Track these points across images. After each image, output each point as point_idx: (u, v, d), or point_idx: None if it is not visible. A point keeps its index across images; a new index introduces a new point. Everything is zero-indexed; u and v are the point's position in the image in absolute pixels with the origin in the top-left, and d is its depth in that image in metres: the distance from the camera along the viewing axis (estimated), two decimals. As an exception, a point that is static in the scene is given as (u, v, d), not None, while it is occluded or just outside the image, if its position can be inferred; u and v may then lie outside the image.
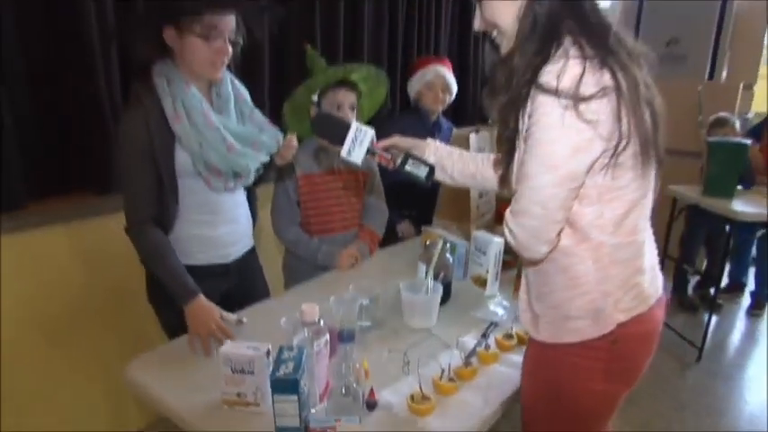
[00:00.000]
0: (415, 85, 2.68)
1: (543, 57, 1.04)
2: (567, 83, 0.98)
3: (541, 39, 1.05)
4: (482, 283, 1.82)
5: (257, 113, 1.63)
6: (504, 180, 1.17)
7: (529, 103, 1.03)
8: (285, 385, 0.99)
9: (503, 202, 2.36)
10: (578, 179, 1.03)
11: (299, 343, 1.13)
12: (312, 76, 1.94)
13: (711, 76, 4.35)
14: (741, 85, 4.12)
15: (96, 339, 2.15)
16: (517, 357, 1.41)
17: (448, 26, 3.95)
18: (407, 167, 1.32)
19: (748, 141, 3.07)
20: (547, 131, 1.00)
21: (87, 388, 2.16)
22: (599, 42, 1.01)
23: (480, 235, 1.84)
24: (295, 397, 1.00)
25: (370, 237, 2.13)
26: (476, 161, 1.42)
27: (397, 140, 1.40)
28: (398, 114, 2.46)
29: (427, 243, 1.74)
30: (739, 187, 3.19)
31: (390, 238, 2.39)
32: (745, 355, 3.28)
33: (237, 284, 1.72)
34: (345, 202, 2.08)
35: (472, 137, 2.12)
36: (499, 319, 1.61)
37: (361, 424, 1.09)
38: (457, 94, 2.78)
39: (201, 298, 1.50)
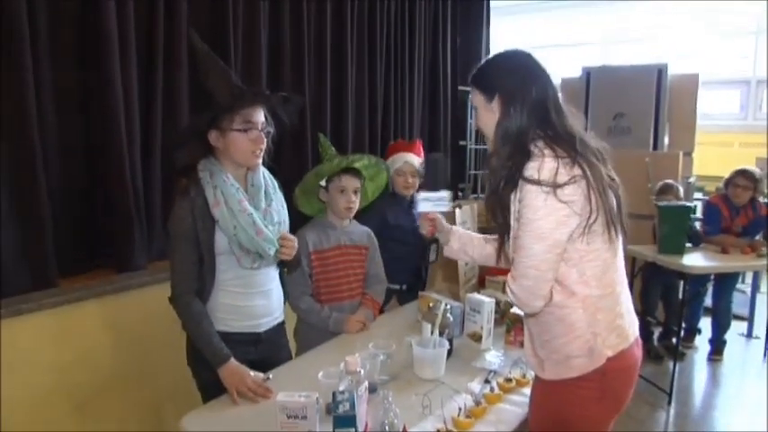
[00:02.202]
0: None
1: (516, 159, 1.38)
2: (545, 175, 1.32)
3: (512, 147, 1.40)
4: (477, 338, 2.09)
5: (276, 202, 1.89)
6: (500, 252, 1.49)
7: (518, 191, 1.36)
8: (345, 421, 1.24)
9: (483, 270, 2.67)
10: (561, 246, 1.35)
11: (345, 388, 1.36)
12: (322, 162, 2.25)
13: (655, 146, 4.85)
14: (681, 153, 4.63)
15: (121, 406, 2.32)
16: (517, 397, 1.70)
17: (419, 111, 4.37)
18: (432, 248, 1.64)
19: (692, 204, 3.51)
20: (534, 212, 1.33)
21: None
22: (568, 147, 1.36)
23: (473, 297, 2.13)
24: (353, 430, 1.24)
25: (373, 304, 2.38)
26: (491, 244, 1.70)
27: (439, 221, 1.75)
28: (376, 200, 2.72)
29: (430, 305, 2.02)
30: (689, 245, 3.61)
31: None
32: (710, 397, 3.59)
33: (265, 354, 1.92)
34: (351, 273, 2.34)
35: (457, 212, 2.44)
36: (497, 367, 1.87)
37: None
38: (429, 172, 3.02)
39: (233, 361, 1.72)
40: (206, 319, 1.76)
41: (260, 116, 1.76)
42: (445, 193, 1.67)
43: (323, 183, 2.28)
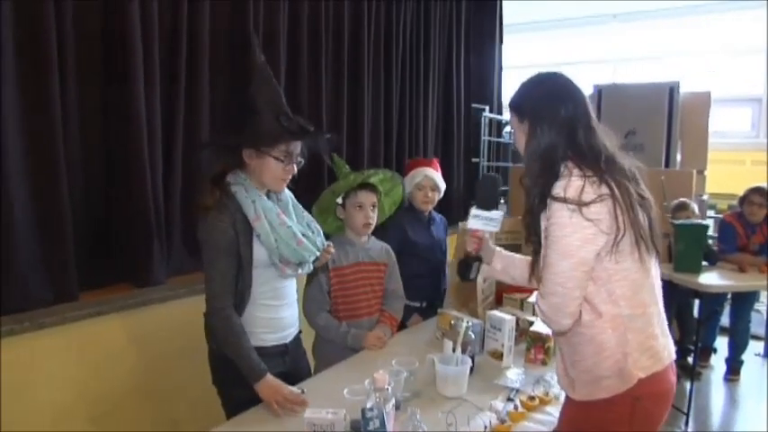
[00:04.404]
0: (407, 186, 2.83)
1: (546, 177, 1.41)
2: (571, 193, 1.34)
3: (540, 166, 1.43)
4: (498, 356, 2.08)
5: (307, 214, 1.95)
6: (532, 271, 1.49)
7: (547, 210, 1.38)
8: (376, 438, 1.24)
9: (501, 287, 2.67)
10: (588, 264, 1.35)
11: (373, 405, 1.36)
12: (337, 180, 2.27)
13: (667, 164, 4.84)
14: (695, 172, 4.62)
15: (139, 420, 2.32)
16: (541, 415, 1.69)
17: (433, 128, 4.40)
18: (474, 266, 1.71)
19: (708, 222, 3.51)
20: (560, 229, 1.35)
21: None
22: (594, 166, 1.38)
23: (494, 314, 2.13)
24: (383, 447, 1.24)
25: (390, 321, 2.38)
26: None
27: (485, 241, 1.74)
28: (396, 215, 2.73)
29: (452, 323, 2.01)
30: (705, 264, 3.59)
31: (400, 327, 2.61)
32: (728, 417, 3.56)
33: (291, 365, 1.93)
34: (370, 290, 2.34)
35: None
36: (519, 385, 1.87)
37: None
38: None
39: (269, 376, 1.71)
40: (245, 333, 1.76)
41: (298, 147, 1.79)
42: (498, 214, 1.68)
43: (339, 200, 2.29)
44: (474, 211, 1.70)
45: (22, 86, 1.95)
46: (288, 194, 1.89)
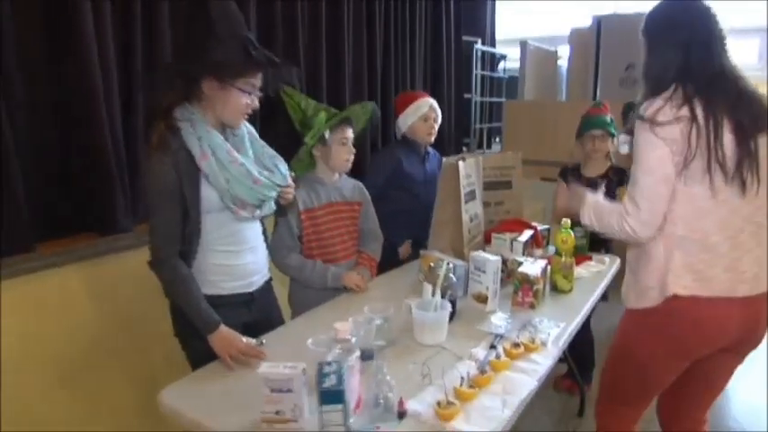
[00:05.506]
0: (408, 119, 2.67)
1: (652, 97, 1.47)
2: (649, 112, 1.43)
3: (651, 84, 1.52)
4: (482, 299, 1.94)
5: (268, 148, 1.77)
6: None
7: None
8: (332, 396, 1.10)
9: (489, 227, 2.52)
10: (670, 180, 1.44)
11: (333, 359, 1.23)
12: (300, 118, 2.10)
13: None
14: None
15: (110, 377, 2.20)
16: (525, 364, 1.56)
17: (421, 63, 4.15)
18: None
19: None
20: (638, 146, 1.47)
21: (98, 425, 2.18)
22: (692, 88, 1.42)
23: (478, 255, 1.97)
24: (341, 406, 1.10)
25: (369, 262, 2.25)
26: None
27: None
28: (389, 146, 2.57)
29: (432, 265, 1.87)
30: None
31: (390, 260, 2.49)
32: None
33: (259, 315, 1.82)
34: (345, 232, 2.20)
35: (461, 164, 2.26)
36: (503, 331, 1.73)
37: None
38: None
39: (223, 327, 1.60)
40: (194, 283, 1.63)
41: (259, 81, 1.63)
42: None
43: (327, 134, 2.10)
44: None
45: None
46: (245, 128, 1.71)
